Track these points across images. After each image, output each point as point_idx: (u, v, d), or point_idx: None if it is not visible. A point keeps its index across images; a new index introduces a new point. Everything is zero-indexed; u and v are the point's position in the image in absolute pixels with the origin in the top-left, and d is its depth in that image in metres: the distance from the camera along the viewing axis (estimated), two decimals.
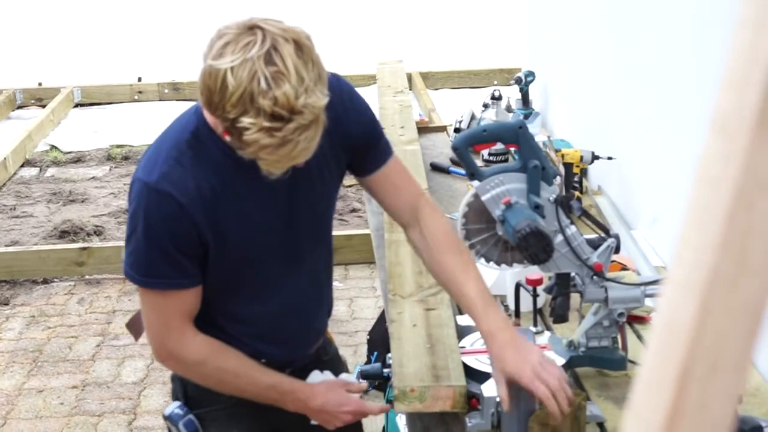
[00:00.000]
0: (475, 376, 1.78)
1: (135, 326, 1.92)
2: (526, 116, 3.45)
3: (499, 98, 3.46)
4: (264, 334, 1.75)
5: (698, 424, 0.44)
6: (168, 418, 1.79)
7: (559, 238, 1.80)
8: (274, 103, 1.34)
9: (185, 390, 1.81)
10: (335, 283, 1.94)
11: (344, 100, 1.65)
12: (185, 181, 1.53)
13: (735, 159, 0.43)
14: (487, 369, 1.79)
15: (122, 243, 1.69)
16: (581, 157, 2.76)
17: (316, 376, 1.81)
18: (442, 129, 3.64)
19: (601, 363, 1.88)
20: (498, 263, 1.87)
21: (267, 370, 1.71)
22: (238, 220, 1.60)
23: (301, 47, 1.38)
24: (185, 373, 1.73)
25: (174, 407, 1.80)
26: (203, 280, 1.63)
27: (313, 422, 1.79)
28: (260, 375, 1.70)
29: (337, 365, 1.96)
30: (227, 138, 1.47)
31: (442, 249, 1.73)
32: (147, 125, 5.85)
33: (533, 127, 3.29)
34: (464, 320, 2.05)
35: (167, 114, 1.68)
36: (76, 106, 6.65)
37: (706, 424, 0.44)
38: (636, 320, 2.08)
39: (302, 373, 1.83)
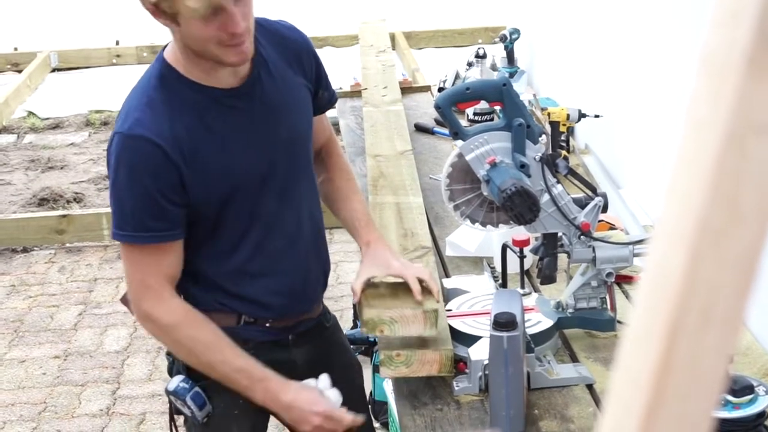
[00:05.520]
0: (462, 339, 1.76)
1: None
2: (512, 75, 3.39)
3: (484, 57, 3.40)
4: (264, 283, 1.72)
5: (688, 381, 0.42)
6: (173, 393, 1.71)
7: (546, 197, 1.77)
8: None
9: None
10: None
11: (298, 36, 1.76)
12: (158, 123, 1.56)
13: (725, 100, 0.41)
14: (475, 332, 1.76)
15: (103, 210, 1.70)
16: (568, 116, 2.71)
17: (309, 383, 1.72)
18: (426, 89, 3.59)
19: (590, 324, 1.86)
20: (483, 224, 1.84)
21: (241, 353, 1.66)
22: (219, 154, 1.61)
23: None
24: (158, 337, 1.70)
25: (178, 381, 1.72)
26: (193, 232, 1.64)
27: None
28: (233, 355, 1.65)
29: (338, 334, 1.94)
30: (158, 7, 1.48)
31: (338, 173, 1.89)
32: (126, 89, 5.72)
33: (519, 86, 3.23)
34: (450, 283, 2.02)
35: None
36: (54, 70, 6.53)
37: (696, 381, 0.42)
38: (625, 280, 2.05)
39: (304, 341, 1.80)
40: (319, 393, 1.67)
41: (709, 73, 0.42)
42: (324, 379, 1.72)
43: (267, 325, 1.74)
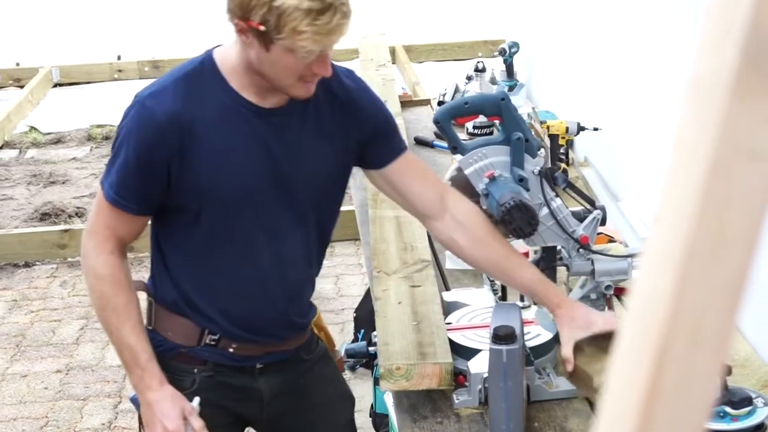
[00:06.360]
0: (461, 352, 1.76)
1: None
2: (511, 88, 3.40)
3: (483, 70, 3.41)
4: (231, 312, 1.69)
5: (677, 403, 0.42)
6: (132, 401, 1.75)
7: (544, 211, 1.78)
8: None
9: None
10: None
11: (360, 89, 1.72)
12: (170, 103, 1.58)
13: (711, 124, 0.41)
14: (474, 345, 1.77)
15: None
16: (567, 129, 2.73)
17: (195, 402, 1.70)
18: (426, 102, 3.61)
19: None
20: None
21: (141, 333, 1.65)
22: (217, 159, 1.61)
23: None
24: (85, 278, 1.72)
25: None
26: (175, 221, 1.66)
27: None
28: (132, 331, 1.64)
29: (320, 367, 1.85)
30: (261, 30, 1.47)
31: (486, 236, 1.74)
32: (127, 104, 5.76)
33: (518, 99, 3.24)
34: (450, 296, 2.02)
35: None
36: (55, 86, 6.55)
37: (685, 403, 0.42)
38: (623, 293, 2.05)
39: (274, 371, 1.76)
40: (182, 413, 1.64)
41: (695, 98, 0.43)
42: (195, 402, 1.69)
43: (230, 350, 1.71)
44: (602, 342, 1.69)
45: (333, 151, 1.68)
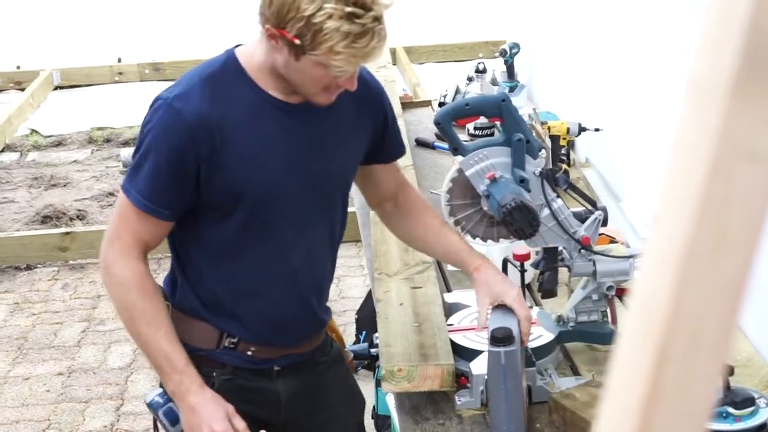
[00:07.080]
0: (463, 353, 1.76)
1: None
2: (512, 89, 3.41)
3: (484, 71, 3.42)
4: (258, 311, 1.68)
5: (677, 406, 0.42)
6: (149, 406, 1.74)
7: (546, 212, 1.78)
8: None
9: None
10: None
11: (376, 82, 1.77)
12: (198, 104, 1.57)
13: (711, 125, 0.41)
14: (476, 346, 1.77)
15: (106, 227, 1.71)
16: (568, 130, 2.73)
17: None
18: (427, 104, 3.61)
19: (591, 338, 1.86)
20: (484, 239, 1.85)
21: (174, 339, 1.62)
22: (248, 156, 1.59)
23: None
24: (108, 290, 1.67)
25: (155, 395, 1.73)
26: (204, 219, 1.64)
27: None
28: (165, 337, 1.61)
29: (335, 369, 1.85)
30: (294, 42, 1.47)
31: (424, 213, 1.83)
32: (128, 107, 5.77)
33: (519, 100, 3.25)
34: (451, 298, 2.02)
35: (148, 95, 1.67)
36: (56, 88, 6.56)
37: (685, 405, 0.42)
38: (625, 293, 2.05)
39: (291, 374, 1.76)
40: (227, 414, 1.62)
41: (695, 99, 0.43)
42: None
43: (249, 353, 1.70)
44: (595, 389, 1.67)
45: (355, 144, 1.71)
